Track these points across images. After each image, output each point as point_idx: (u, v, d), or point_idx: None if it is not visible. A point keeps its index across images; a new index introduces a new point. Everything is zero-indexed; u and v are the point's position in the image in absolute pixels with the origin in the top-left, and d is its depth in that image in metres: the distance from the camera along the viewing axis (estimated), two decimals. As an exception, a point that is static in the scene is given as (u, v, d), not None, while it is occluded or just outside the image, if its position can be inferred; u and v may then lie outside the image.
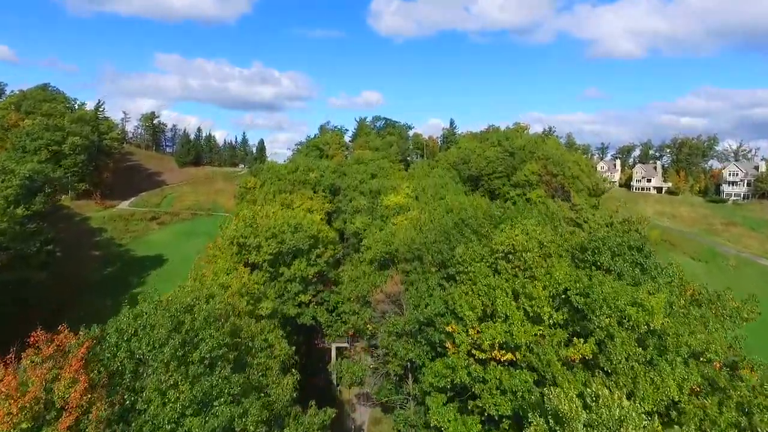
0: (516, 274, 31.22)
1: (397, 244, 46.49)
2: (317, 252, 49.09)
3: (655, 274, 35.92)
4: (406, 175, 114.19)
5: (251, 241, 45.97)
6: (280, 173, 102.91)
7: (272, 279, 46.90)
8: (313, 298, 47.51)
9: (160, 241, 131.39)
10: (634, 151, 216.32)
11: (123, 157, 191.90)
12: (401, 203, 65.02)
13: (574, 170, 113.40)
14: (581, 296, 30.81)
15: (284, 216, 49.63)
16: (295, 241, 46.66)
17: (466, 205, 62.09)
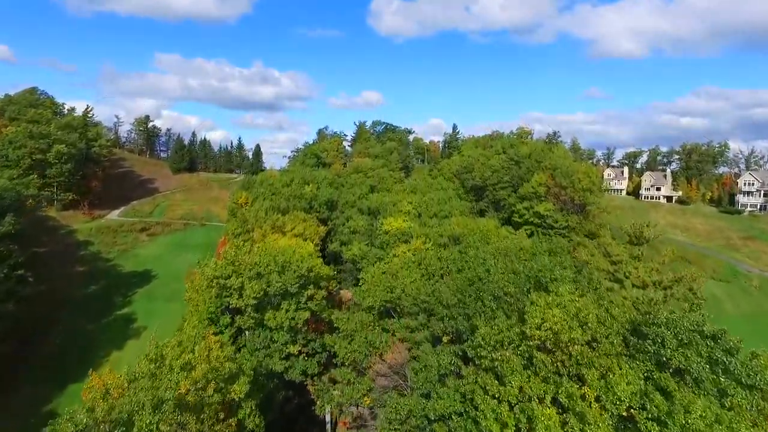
0: (558, 372, 24.67)
1: (399, 291, 40.49)
2: (308, 293, 43.14)
3: (746, 379, 24.60)
4: (407, 187, 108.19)
5: (233, 282, 40.19)
6: (273, 186, 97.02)
7: (256, 326, 40.97)
8: (303, 348, 41.72)
9: (150, 255, 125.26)
10: (641, 156, 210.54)
11: (115, 163, 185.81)
12: (402, 228, 59.21)
13: (585, 182, 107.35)
14: (655, 422, 22.56)
15: (271, 251, 43.81)
16: (283, 282, 40.82)
17: (475, 230, 56.20)
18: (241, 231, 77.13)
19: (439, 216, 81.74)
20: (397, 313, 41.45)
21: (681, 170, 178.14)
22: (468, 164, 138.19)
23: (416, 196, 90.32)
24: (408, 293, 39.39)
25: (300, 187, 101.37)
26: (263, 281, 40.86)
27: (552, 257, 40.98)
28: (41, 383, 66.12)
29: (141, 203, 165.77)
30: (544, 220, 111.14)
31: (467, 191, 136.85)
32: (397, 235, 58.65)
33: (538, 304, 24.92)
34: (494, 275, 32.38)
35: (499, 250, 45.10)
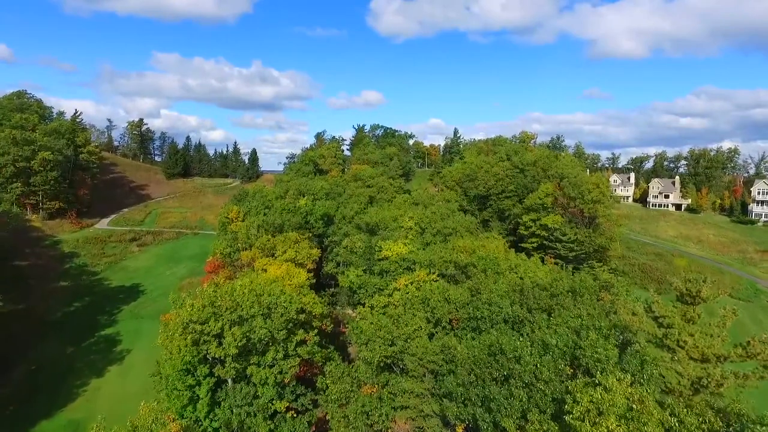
0: None
1: (401, 343, 35.08)
2: (298, 338, 37.78)
3: None
4: (409, 199, 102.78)
5: (211, 328, 34.89)
6: (267, 199, 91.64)
7: (238, 378, 35.63)
8: (291, 404, 36.35)
9: (139, 267, 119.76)
10: (647, 161, 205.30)
11: (106, 169, 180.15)
12: (402, 254, 53.93)
13: (595, 194, 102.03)
14: None
15: (255, 287, 38.51)
16: (268, 328, 35.49)
17: (484, 257, 50.86)
18: (231, 250, 71.79)
19: (443, 233, 76.40)
20: (398, 368, 36.15)
21: (689, 176, 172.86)
22: (471, 172, 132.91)
23: (418, 210, 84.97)
24: (412, 352, 34.03)
25: (295, 199, 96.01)
26: (246, 327, 35.57)
27: (577, 303, 35.69)
28: (4, 422, 60.45)
29: (132, 211, 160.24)
30: (551, 233, 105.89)
31: (470, 200, 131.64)
32: (398, 261, 53.37)
33: (581, 402, 19.66)
34: (522, 352, 26.92)
35: (513, 286, 39.79)
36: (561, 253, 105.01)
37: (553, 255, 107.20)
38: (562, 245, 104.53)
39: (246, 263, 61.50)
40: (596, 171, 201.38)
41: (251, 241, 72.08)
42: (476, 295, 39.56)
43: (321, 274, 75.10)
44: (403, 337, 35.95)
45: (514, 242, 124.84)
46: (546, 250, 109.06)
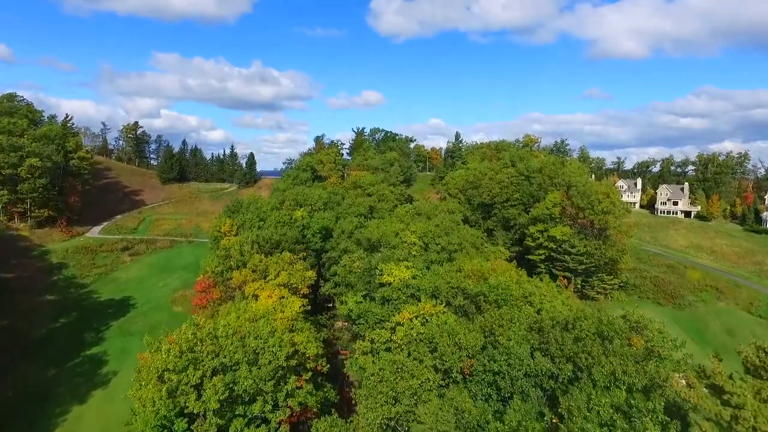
0: None
1: (408, 401, 30.80)
2: (289, 386, 33.35)
3: None
4: (411, 209, 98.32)
5: (190, 378, 30.50)
6: (261, 210, 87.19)
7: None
8: (281, 465, 32.16)
9: (130, 279, 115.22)
10: (654, 166, 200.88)
11: (99, 174, 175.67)
12: (406, 279, 49.45)
13: (605, 204, 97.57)
14: None
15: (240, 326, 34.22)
16: (254, 378, 31.14)
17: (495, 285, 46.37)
18: (222, 269, 67.36)
19: (448, 249, 71.93)
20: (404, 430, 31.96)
21: (697, 182, 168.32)
22: (475, 179, 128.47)
23: (421, 223, 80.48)
24: (421, 419, 29.61)
25: (291, 210, 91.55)
26: (228, 377, 31.19)
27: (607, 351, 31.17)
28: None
29: (125, 218, 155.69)
30: (559, 244, 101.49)
31: (474, 209, 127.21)
32: (401, 287, 48.91)
33: None
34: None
35: (531, 324, 35.35)
36: (570, 266, 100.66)
37: (561, 268, 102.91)
38: (570, 258, 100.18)
39: (237, 285, 57.06)
40: (602, 175, 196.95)
41: (245, 258, 67.75)
42: (490, 336, 35.12)
43: (318, 294, 70.76)
44: (409, 393, 31.50)
45: (520, 253, 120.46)
46: (554, 262, 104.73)
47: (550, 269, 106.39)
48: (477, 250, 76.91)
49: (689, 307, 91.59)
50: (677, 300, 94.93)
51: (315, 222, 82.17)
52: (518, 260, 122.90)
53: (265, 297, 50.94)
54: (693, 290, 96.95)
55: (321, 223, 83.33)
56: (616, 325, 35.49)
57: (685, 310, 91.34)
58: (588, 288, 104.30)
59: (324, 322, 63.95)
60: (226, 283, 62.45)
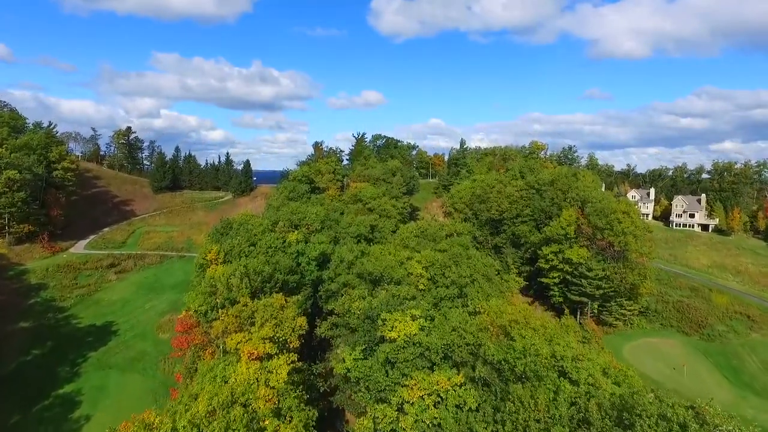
0: None
1: None
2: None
3: None
4: (414, 229, 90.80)
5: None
6: (252, 234, 79.59)
7: None
8: None
9: (114, 301, 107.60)
10: (666, 175, 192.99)
11: (88, 183, 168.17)
12: (414, 336, 41.91)
13: (626, 224, 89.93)
14: None
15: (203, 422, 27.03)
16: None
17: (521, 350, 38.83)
18: (207, 308, 59.86)
19: (459, 283, 64.43)
20: None
21: (713, 192, 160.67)
22: (482, 192, 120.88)
23: (427, 249, 72.87)
24: None
25: (285, 231, 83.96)
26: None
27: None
28: None
29: (113, 230, 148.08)
30: (575, 267, 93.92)
31: (481, 224, 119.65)
32: (407, 346, 41.33)
33: None
34: None
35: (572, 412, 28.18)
36: (587, 290, 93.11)
37: (577, 292, 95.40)
38: (587, 282, 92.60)
39: (218, 335, 49.51)
40: (612, 184, 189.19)
41: (233, 294, 60.32)
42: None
43: (313, 334, 63.20)
44: None
45: (531, 273, 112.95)
46: (569, 285, 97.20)
47: (565, 293, 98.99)
48: (489, 282, 69.41)
49: (719, 338, 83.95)
50: (705, 329, 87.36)
51: (311, 249, 74.57)
52: (529, 280, 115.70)
53: (249, 352, 43.40)
54: (721, 318, 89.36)
55: (318, 249, 75.76)
56: (680, 414, 27.55)
57: (715, 342, 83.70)
58: (606, 313, 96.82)
59: (319, 371, 56.47)
60: (207, 331, 54.95)
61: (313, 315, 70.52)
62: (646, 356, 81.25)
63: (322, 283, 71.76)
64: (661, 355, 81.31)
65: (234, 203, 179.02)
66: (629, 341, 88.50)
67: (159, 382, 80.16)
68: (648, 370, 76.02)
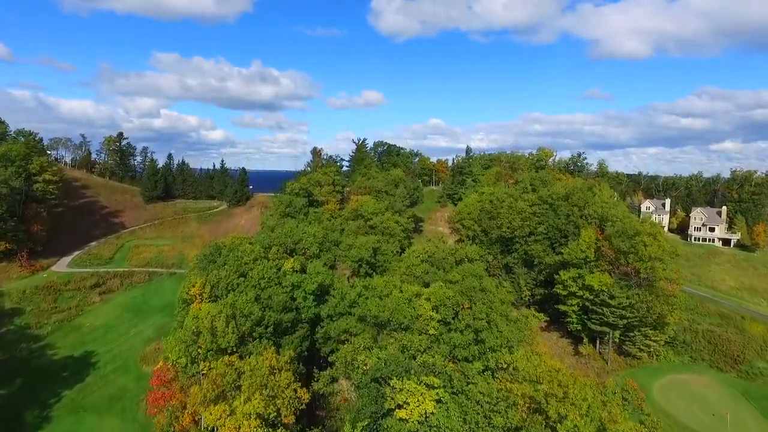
0: None
1: None
2: None
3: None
4: (421, 254, 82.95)
5: None
6: (243, 262, 71.69)
7: None
8: None
9: (96, 327, 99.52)
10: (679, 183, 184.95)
11: (75, 193, 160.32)
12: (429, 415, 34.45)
13: (653, 249, 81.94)
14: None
15: None
16: None
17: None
18: (187, 361, 52.03)
19: (474, 326, 56.62)
20: None
21: (732, 203, 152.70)
22: (491, 208, 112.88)
23: (437, 284, 64.94)
24: None
25: (279, 258, 75.97)
26: None
27: None
28: None
29: (101, 245, 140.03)
30: (596, 295, 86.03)
31: (491, 242, 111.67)
32: (421, 425, 33.78)
33: None
34: None
35: None
36: (609, 320, 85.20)
37: (598, 321, 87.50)
38: (610, 310, 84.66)
39: (195, 404, 41.60)
40: (624, 193, 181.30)
41: (217, 341, 52.62)
42: None
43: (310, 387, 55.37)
44: None
45: (545, 296, 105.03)
46: (589, 313, 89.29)
47: (584, 321, 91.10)
48: (508, 322, 61.60)
49: (761, 377, 75.92)
50: (742, 365, 79.41)
51: (308, 281, 66.57)
52: (543, 303, 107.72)
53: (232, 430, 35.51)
54: (760, 351, 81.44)
55: (316, 281, 67.77)
56: None
57: (757, 381, 75.70)
58: (629, 343, 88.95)
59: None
60: (186, 390, 47.01)
61: (310, 357, 62.73)
62: (678, 398, 73.29)
63: (320, 322, 63.89)
64: (695, 397, 73.35)
65: (229, 214, 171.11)
66: (657, 377, 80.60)
67: (139, 426, 72.12)
68: (683, 416, 68.10)
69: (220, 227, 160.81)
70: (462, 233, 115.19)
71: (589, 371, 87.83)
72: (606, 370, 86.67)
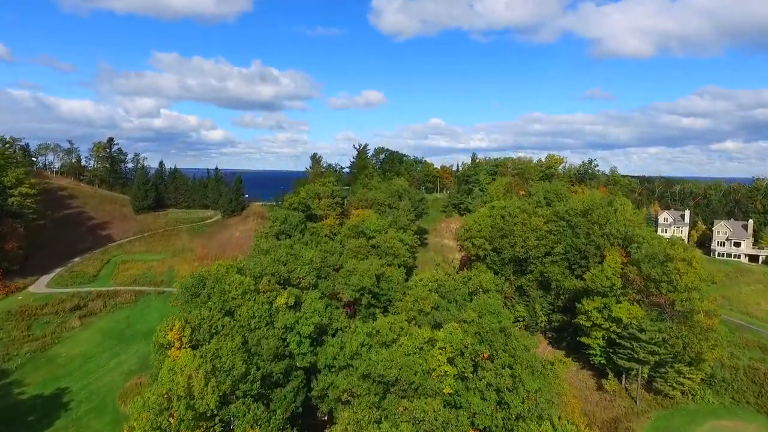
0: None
1: None
2: None
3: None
4: (429, 282, 74.35)
5: None
6: (229, 297, 63.13)
7: None
8: None
9: (74, 356, 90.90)
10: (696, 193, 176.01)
11: (60, 203, 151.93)
12: None
13: (690, 278, 73.17)
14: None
15: None
16: None
17: None
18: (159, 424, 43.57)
19: (497, 385, 47.98)
20: None
21: (756, 215, 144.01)
22: (503, 226, 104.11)
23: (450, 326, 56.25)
24: None
25: (271, 290, 67.28)
26: None
27: None
28: None
29: (85, 261, 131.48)
30: (625, 328, 77.31)
31: (504, 263, 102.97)
32: None
33: None
34: None
35: None
36: (639, 356, 76.41)
37: (626, 357, 78.76)
38: (640, 345, 75.93)
39: None
40: (638, 202, 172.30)
41: (195, 404, 44.33)
42: None
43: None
44: None
45: (563, 323, 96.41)
46: (615, 347, 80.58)
47: (610, 355, 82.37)
48: (534, 374, 52.91)
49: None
50: (792, 411, 70.48)
51: (304, 323, 57.92)
52: (560, 332, 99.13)
53: None
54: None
55: (312, 321, 59.13)
56: None
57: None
58: (660, 380, 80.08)
59: None
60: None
61: (305, 413, 54.12)
62: (724, 452, 64.48)
63: (316, 374, 55.24)
64: (743, 451, 64.56)
65: (223, 225, 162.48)
66: (695, 423, 71.74)
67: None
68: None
69: (213, 240, 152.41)
70: (471, 251, 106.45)
71: (615, 410, 79.11)
72: (635, 410, 77.81)
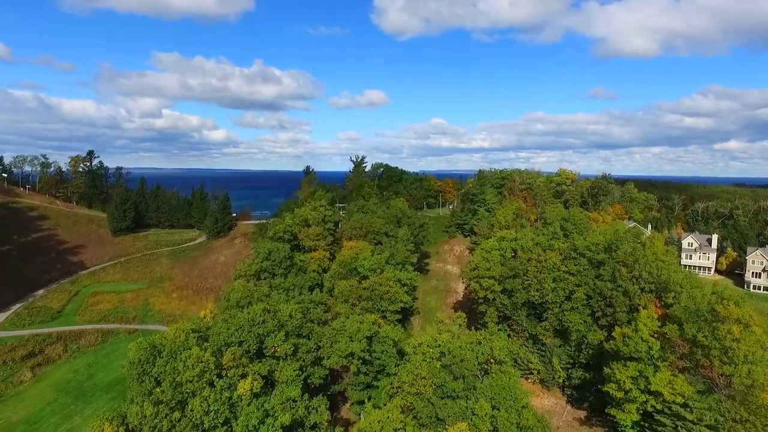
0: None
1: None
2: None
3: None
4: (434, 351, 61.70)
5: None
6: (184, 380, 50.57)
7: None
8: None
9: (16, 423, 78.14)
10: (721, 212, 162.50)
11: (28, 226, 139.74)
12: None
13: (749, 345, 60.21)
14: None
15: None
16: None
17: None
18: None
19: None
20: None
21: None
22: (516, 266, 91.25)
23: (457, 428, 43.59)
24: None
25: (237, 366, 54.73)
26: None
27: None
28: None
29: (50, 294, 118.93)
30: (667, 404, 64.35)
31: (516, 307, 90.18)
32: None
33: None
34: None
35: None
36: (682, 437, 63.49)
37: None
38: (685, 426, 62.98)
39: None
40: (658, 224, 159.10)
41: None
42: None
43: None
44: None
45: (584, 381, 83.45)
46: (652, 422, 67.65)
47: (645, 430, 69.41)
48: None
49: None
50: None
51: (271, 423, 45.22)
52: (581, 390, 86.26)
53: None
54: None
55: (281, 421, 46.37)
56: None
57: None
58: (704, 460, 67.06)
59: None
60: None
61: None
62: None
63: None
64: None
65: (207, 248, 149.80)
66: None
67: None
68: None
69: (195, 266, 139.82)
70: (479, 293, 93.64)
71: (651, 497, 66.30)
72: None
